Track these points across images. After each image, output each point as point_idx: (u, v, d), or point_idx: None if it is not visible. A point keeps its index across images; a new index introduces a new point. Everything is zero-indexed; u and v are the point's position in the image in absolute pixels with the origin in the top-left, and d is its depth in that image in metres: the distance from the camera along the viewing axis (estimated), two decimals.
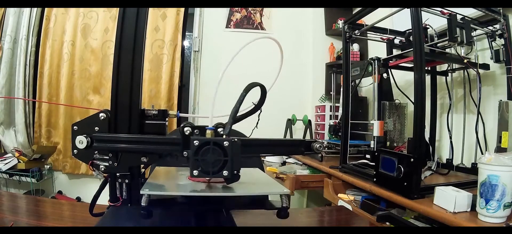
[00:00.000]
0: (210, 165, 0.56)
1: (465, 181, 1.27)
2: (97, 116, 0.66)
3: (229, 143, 0.56)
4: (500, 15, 1.41)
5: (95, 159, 0.66)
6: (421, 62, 1.18)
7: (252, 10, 2.93)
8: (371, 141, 1.57)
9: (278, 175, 1.96)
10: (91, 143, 0.62)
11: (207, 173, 0.56)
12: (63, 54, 2.70)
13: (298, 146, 0.66)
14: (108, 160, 0.66)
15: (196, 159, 0.55)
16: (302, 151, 0.66)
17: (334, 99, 2.36)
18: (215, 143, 0.56)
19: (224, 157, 0.56)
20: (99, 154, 0.66)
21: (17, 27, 2.63)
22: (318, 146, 0.65)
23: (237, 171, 0.58)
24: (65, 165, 2.73)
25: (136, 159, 0.67)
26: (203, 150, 0.56)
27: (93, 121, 0.66)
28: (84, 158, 0.66)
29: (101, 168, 0.66)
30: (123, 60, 0.66)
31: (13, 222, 0.78)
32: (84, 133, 0.62)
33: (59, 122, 2.71)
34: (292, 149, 0.68)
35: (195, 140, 0.56)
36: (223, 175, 0.56)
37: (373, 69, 1.62)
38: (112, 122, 0.66)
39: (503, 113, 1.31)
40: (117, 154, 0.66)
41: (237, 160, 0.57)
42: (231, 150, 0.56)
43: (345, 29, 1.68)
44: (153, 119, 0.69)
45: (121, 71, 0.66)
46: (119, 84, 0.66)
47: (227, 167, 0.56)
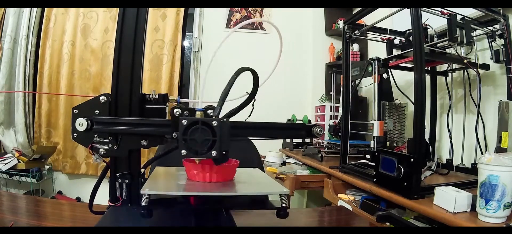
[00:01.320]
0: (198, 145, 0.56)
1: (465, 181, 1.27)
2: (97, 99, 0.66)
3: (218, 122, 0.56)
4: (500, 15, 1.41)
5: (95, 142, 0.65)
6: (421, 62, 1.18)
7: (252, 10, 2.93)
8: (371, 141, 1.57)
9: (278, 175, 1.96)
10: (91, 126, 0.62)
11: (195, 153, 0.56)
12: (63, 54, 2.70)
13: (299, 130, 0.66)
14: (108, 143, 0.66)
15: (184, 138, 0.55)
16: (303, 135, 0.67)
17: (334, 99, 2.36)
18: (204, 123, 0.56)
19: (213, 137, 0.56)
20: (99, 137, 0.65)
21: (17, 27, 2.63)
22: (318, 130, 0.65)
23: (226, 151, 0.58)
24: (65, 165, 2.73)
25: (136, 142, 0.67)
26: (191, 130, 0.56)
27: (94, 104, 0.66)
28: (84, 142, 0.65)
29: (101, 151, 0.66)
30: (123, 60, 0.66)
31: (13, 222, 0.78)
32: (84, 117, 0.62)
33: (59, 122, 2.71)
34: (292, 132, 0.68)
35: (184, 120, 0.56)
36: (211, 155, 0.56)
37: (373, 69, 1.62)
38: (112, 106, 0.66)
39: (503, 113, 1.31)
40: (117, 137, 0.66)
41: (226, 140, 0.57)
42: (220, 130, 0.56)
43: (345, 29, 1.68)
44: (154, 103, 0.70)
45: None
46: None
47: (216, 147, 0.56)
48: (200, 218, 0.68)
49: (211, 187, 0.64)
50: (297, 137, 0.68)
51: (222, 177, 0.67)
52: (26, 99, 2.65)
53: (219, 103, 0.59)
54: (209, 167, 0.65)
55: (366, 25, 1.68)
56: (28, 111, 2.68)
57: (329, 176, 1.74)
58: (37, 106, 2.71)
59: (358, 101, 2.27)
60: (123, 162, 0.70)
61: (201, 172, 0.66)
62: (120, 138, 0.66)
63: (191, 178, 0.68)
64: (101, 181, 0.73)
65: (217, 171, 0.66)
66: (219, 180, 0.67)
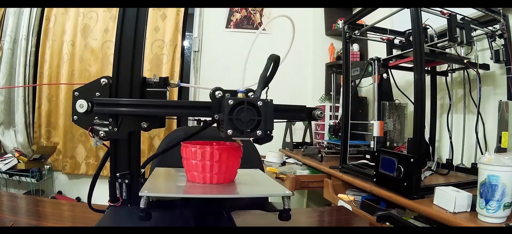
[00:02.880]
0: (244, 125, 0.56)
1: (465, 181, 1.27)
2: (98, 81, 0.66)
3: (262, 102, 0.57)
4: (500, 15, 1.41)
5: (95, 124, 0.65)
6: (421, 62, 1.18)
7: (252, 10, 2.93)
8: (371, 141, 1.57)
9: (278, 175, 1.96)
10: (91, 108, 0.62)
11: (241, 133, 0.56)
12: (63, 54, 2.70)
13: (299, 112, 0.66)
14: (108, 125, 0.66)
15: (230, 118, 0.56)
16: (304, 117, 0.66)
17: (334, 99, 2.36)
18: (249, 103, 0.57)
19: (258, 117, 0.57)
20: (99, 119, 0.65)
21: (17, 27, 2.63)
22: (319, 113, 0.65)
23: (270, 131, 0.58)
24: (65, 165, 2.73)
25: (136, 124, 0.67)
26: (237, 110, 0.56)
27: (94, 86, 0.66)
28: (84, 124, 0.65)
29: (101, 133, 0.65)
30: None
31: (13, 222, 0.78)
32: (85, 98, 0.62)
33: (59, 122, 2.71)
34: (293, 114, 0.68)
35: (230, 100, 0.56)
36: (257, 134, 0.57)
37: (373, 69, 1.62)
38: (113, 88, 0.66)
39: (503, 113, 1.31)
40: (117, 119, 0.66)
41: (270, 120, 0.58)
42: (264, 110, 0.57)
43: (345, 29, 1.68)
44: (155, 86, 0.70)
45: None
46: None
47: (261, 126, 0.57)
48: (200, 220, 0.67)
49: (211, 189, 0.63)
50: (296, 119, 0.68)
51: (223, 179, 0.66)
52: (26, 99, 2.65)
53: (260, 86, 0.60)
54: (210, 168, 0.64)
55: (366, 25, 1.68)
56: (28, 111, 2.67)
57: (329, 176, 1.74)
58: (37, 106, 2.71)
59: (358, 101, 2.27)
60: (123, 162, 0.70)
61: (201, 173, 0.65)
62: (120, 120, 0.66)
63: (191, 179, 0.67)
64: (99, 173, 0.73)
65: (218, 172, 0.65)
66: (220, 182, 0.66)
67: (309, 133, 2.63)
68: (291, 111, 0.67)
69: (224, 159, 0.64)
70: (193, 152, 0.64)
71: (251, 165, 0.88)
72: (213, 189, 0.63)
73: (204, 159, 0.64)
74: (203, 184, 0.65)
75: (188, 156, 0.65)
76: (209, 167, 0.64)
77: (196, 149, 0.64)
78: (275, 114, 0.63)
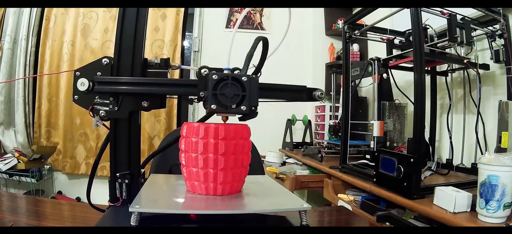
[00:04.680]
0: (228, 100, 0.56)
1: (465, 181, 1.27)
2: (99, 61, 0.66)
3: (247, 78, 0.57)
4: (500, 15, 1.41)
5: (96, 103, 0.65)
6: (421, 62, 1.18)
7: (252, 10, 2.93)
8: (371, 141, 1.57)
9: (278, 175, 1.96)
10: (92, 87, 0.62)
11: (225, 107, 0.56)
12: (63, 54, 2.70)
13: (300, 92, 0.66)
14: (108, 104, 0.66)
15: (214, 93, 0.56)
16: (304, 98, 0.66)
17: (334, 99, 2.36)
18: (234, 78, 0.57)
19: (243, 92, 0.57)
20: (100, 98, 0.65)
21: (17, 27, 2.63)
22: (319, 94, 0.65)
23: (254, 107, 0.58)
24: (65, 165, 2.73)
25: (137, 103, 0.67)
26: (221, 85, 0.56)
27: (96, 66, 0.66)
28: (84, 103, 0.65)
29: (101, 113, 0.65)
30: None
31: (13, 222, 0.77)
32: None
33: (59, 122, 2.71)
34: (292, 94, 0.67)
35: (214, 75, 0.56)
36: (241, 109, 0.56)
37: (373, 69, 1.62)
38: (115, 68, 0.66)
39: (503, 113, 1.31)
40: (118, 98, 0.66)
41: (255, 95, 0.58)
42: (249, 85, 0.57)
43: (345, 29, 1.68)
44: (156, 68, 0.70)
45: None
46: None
47: (245, 102, 0.57)
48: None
49: (215, 202, 0.56)
50: (297, 99, 0.66)
51: (228, 189, 0.59)
52: (26, 99, 2.65)
53: (246, 63, 0.60)
54: (214, 176, 0.57)
55: (366, 25, 1.68)
56: (28, 111, 2.67)
57: (329, 176, 1.74)
58: (37, 106, 2.71)
59: (358, 101, 2.27)
60: (123, 162, 0.70)
61: (203, 183, 0.58)
62: (121, 99, 0.66)
63: (192, 189, 0.60)
64: (99, 159, 0.72)
65: (223, 182, 0.58)
66: (225, 193, 0.58)
67: (309, 133, 2.63)
68: (291, 91, 0.67)
69: (230, 153, 0.58)
70: (194, 143, 0.58)
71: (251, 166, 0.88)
72: (217, 202, 0.56)
73: (207, 152, 0.58)
74: (205, 196, 0.58)
75: (188, 148, 0.60)
76: (212, 176, 0.57)
77: (198, 139, 0.58)
78: (275, 94, 0.64)
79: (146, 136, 2.71)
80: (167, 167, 0.96)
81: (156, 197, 0.62)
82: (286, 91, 0.66)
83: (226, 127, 0.59)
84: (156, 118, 2.76)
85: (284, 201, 0.61)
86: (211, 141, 0.58)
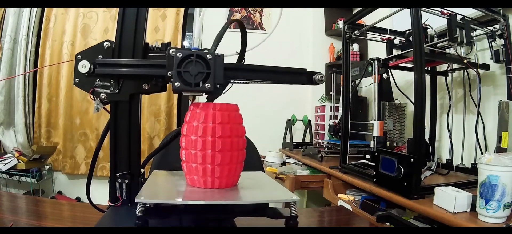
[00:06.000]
0: (192, 77, 0.56)
1: (465, 181, 1.27)
2: (101, 44, 0.66)
3: (212, 56, 0.57)
4: (500, 15, 1.41)
5: (97, 86, 0.65)
6: (421, 62, 1.18)
7: (252, 10, 2.93)
8: (371, 141, 1.57)
9: (278, 175, 1.96)
10: (93, 69, 0.62)
11: (189, 85, 0.56)
12: (63, 54, 2.70)
13: (299, 74, 0.65)
14: (109, 87, 0.66)
15: (179, 71, 0.56)
16: (304, 81, 0.65)
17: (334, 99, 2.36)
18: (198, 56, 0.57)
19: (207, 70, 0.57)
20: (101, 81, 0.65)
21: (17, 27, 2.63)
22: (319, 77, 0.64)
23: (219, 85, 0.58)
24: (64, 165, 2.73)
25: (138, 86, 0.67)
26: (185, 63, 0.57)
27: (97, 50, 0.66)
28: (85, 86, 0.65)
29: (102, 95, 0.66)
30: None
31: (13, 222, 0.78)
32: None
33: (59, 122, 2.71)
34: (292, 77, 0.67)
35: (178, 53, 0.57)
36: (205, 87, 0.57)
37: (373, 69, 1.62)
38: (116, 52, 0.67)
39: (503, 113, 1.31)
40: (119, 81, 0.66)
41: (220, 73, 0.58)
42: (214, 63, 0.57)
43: (345, 29, 1.68)
44: (157, 52, 0.70)
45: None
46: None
47: (210, 80, 0.57)
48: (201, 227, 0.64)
49: (213, 194, 0.60)
50: (296, 82, 0.65)
51: (225, 183, 0.63)
52: (26, 99, 2.65)
53: (215, 43, 0.60)
54: (211, 171, 0.61)
55: (366, 25, 1.68)
56: (28, 111, 2.67)
57: (329, 176, 1.74)
58: (37, 106, 2.71)
59: (358, 101, 2.27)
60: (123, 161, 0.70)
61: (202, 177, 0.62)
62: (122, 82, 0.66)
63: (191, 183, 0.64)
64: (100, 147, 0.72)
65: (220, 176, 0.61)
66: (222, 186, 0.62)
67: (309, 133, 2.63)
68: (290, 73, 0.66)
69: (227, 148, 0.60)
70: (194, 141, 0.60)
71: (251, 166, 0.88)
72: (214, 194, 0.60)
73: (205, 149, 0.60)
74: (204, 189, 0.62)
75: (188, 146, 0.62)
76: (210, 170, 0.61)
77: (197, 138, 0.60)
78: (275, 76, 0.63)
79: (146, 136, 2.71)
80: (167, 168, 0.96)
81: (160, 190, 0.66)
82: (286, 74, 0.66)
83: (221, 114, 0.61)
84: (156, 118, 2.76)
85: (275, 194, 0.65)
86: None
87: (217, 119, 0.60)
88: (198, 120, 0.61)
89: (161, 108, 2.75)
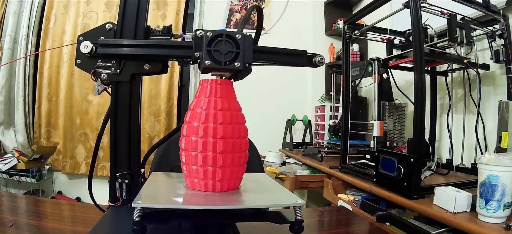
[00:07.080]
0: (222, 56, 0.58)
1: (465, 181, 1.27)
2: (103, 26, 0.67)
3: (241, 36, 0.59)
4: (500, 15, 1.41)
5: (98, 67, 0.66)
6: (421, 62, 1.18)
7: None
8: (371, 141, 1.57)
9: (278, 175, 1.96)
10: (95, 50, 0.63)
11: (219, 63, 0.57)
12: (62, 54, 2.70)
13: (299, 56, 0.66)
14: (110, 67, 0.66)
15: (208, 50, 0.57)
16: (304, 63, 0.66)
17: (334, 99, 2.36)
18: (228, 35, 0.58)
19: (237, 49, 0.58)
20: (102, 62, 0.66)
21: (17, 27, 2.63)
22: (319, 59, 0.66)
23: (249, 64, 0.59)
24: (65, 165, 2.73)
25: (139, 66, 0.68)
26: (216, 42, 0.58)
27: (99, 31, 0.66)
28: (87, 67, 0.66)
29: (103, 76, 0.66)
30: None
31: (12, 222, 0.78)
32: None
33: (59, 122, 2.71)
34: (292, 58, 0.67)
35: (209, 32, 0.58)
36: (235, 66, 0.58)
37: (373, 69, 1.62)
38: (117, 33, 0.67)
39: (503, 113, 1.31)
40: (120, 62, 0.67)
41: (249, 53, 0.59)
42: (243, 43, 0.59)
43: (345, 29, 1.68)
44: (158, 35, 0.71)
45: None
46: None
47: (239, 58, 0.58)
48: (202, 232, 0.60)
49: (214, 198, 0.57)
50: (296, 64, 0.65)
51: (226, 186, 0.60)
52: (26, 99, 2.65)
53: (241, 25, 0.61)
54: (212, 174, 0.58)
55: (366, 25, 1.68)
56: (28, 111, 2.68)
57: (329, 176, 1.74)
58: (37, 106, 2.71)
59: (358, 101, 2.27)
60: (123, 161, 0.70)
61: (203, 180, 0.59)
62: (123, 63, 0.67)
63: (191, 186, 0.61)
64: (100, 138, 0.72)
65: (221, 179, 0.59)
66: (223, 189, 0.60)
67: (309, 133, 2.63)
68: (291, 55, 0.67)
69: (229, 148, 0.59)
70: (194, 142, 0.59)
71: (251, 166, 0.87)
72: (216, 198, 0.57)
73: (206, 151, 0.58)
74: (204, 192, 0.59)
75: (188, 147, 0.60)
76: (211, 173, 0.58)
77: (197, 139, 0.58)
78: (275, 57, 0.64)
79: (146, 136, 2.71)
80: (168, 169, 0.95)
81: (158, 193, 0.63)
82: (286, 55, 0.66)
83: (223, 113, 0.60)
84: (156, 118, 2.76)
85: (279, 197, 0.63)
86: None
87: (219, 119, 0.59)
88: (199, 120, 0.59)
89: (161, 108, 2.75)
